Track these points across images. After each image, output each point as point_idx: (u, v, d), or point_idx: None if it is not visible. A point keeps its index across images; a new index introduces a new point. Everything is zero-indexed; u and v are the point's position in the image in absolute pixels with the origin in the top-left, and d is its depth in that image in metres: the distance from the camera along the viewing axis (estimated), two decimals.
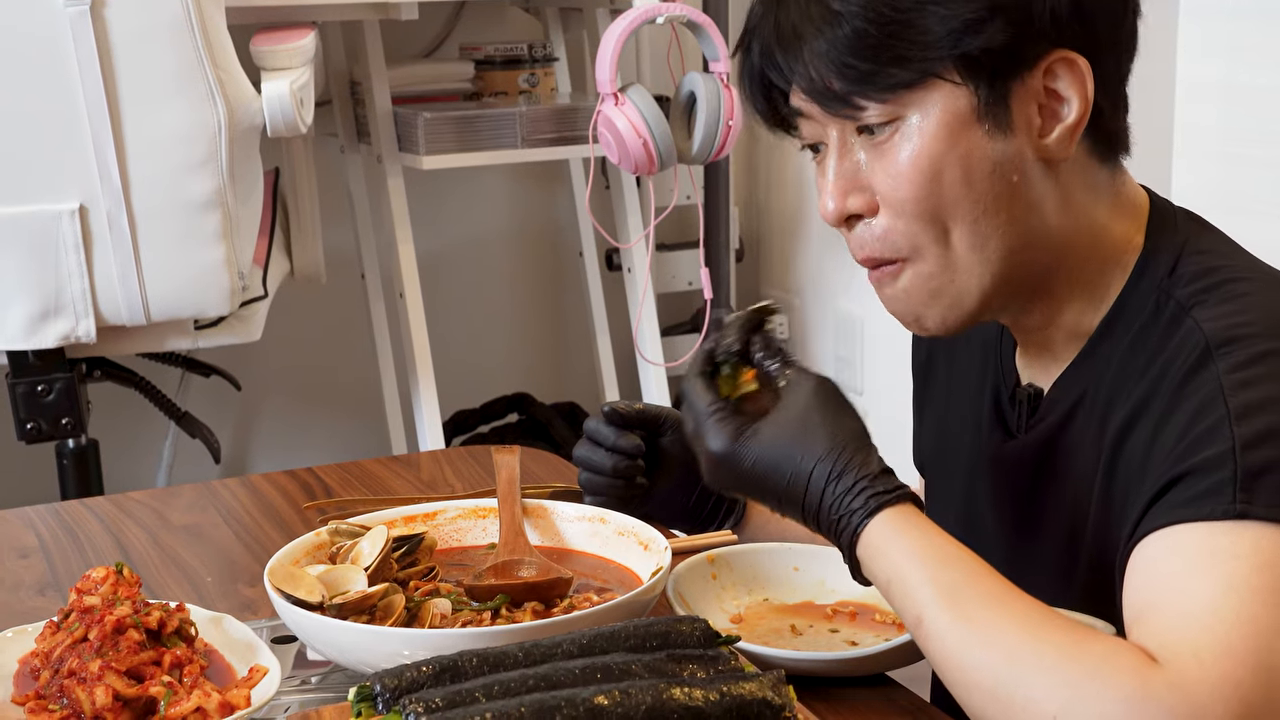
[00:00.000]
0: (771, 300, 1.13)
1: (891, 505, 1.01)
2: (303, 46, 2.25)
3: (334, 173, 3.06)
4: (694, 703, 0.87)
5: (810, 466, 1.02)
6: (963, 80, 1.03)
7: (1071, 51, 1.04)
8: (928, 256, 1.08)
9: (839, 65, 1.04)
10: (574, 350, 3.48)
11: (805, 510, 1.04)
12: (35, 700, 1.01)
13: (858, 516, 1.01)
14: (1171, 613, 0.91)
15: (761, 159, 3.50)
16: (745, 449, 1.05)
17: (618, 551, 1.23)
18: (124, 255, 2.14)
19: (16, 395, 2.24)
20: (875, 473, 1.02)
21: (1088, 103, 1.05)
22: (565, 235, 3.42)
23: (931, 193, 1.05)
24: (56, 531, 1.47)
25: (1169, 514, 0.96)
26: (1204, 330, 1.02)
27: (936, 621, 0.96)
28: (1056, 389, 1.14)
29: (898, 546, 1.00)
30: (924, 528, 1.01)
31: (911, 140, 1.05)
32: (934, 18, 1.02)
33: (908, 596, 0.98)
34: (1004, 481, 1.19)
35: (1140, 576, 0.96)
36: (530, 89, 3.00)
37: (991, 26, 1.02)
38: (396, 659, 0.95)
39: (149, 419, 2.86)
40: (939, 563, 0.98)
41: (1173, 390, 1.01)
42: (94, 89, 2.05)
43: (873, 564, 1.01)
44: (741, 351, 1.10)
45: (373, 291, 3.13)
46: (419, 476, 1.60)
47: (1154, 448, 1.01)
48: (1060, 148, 1.06)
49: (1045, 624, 0.93)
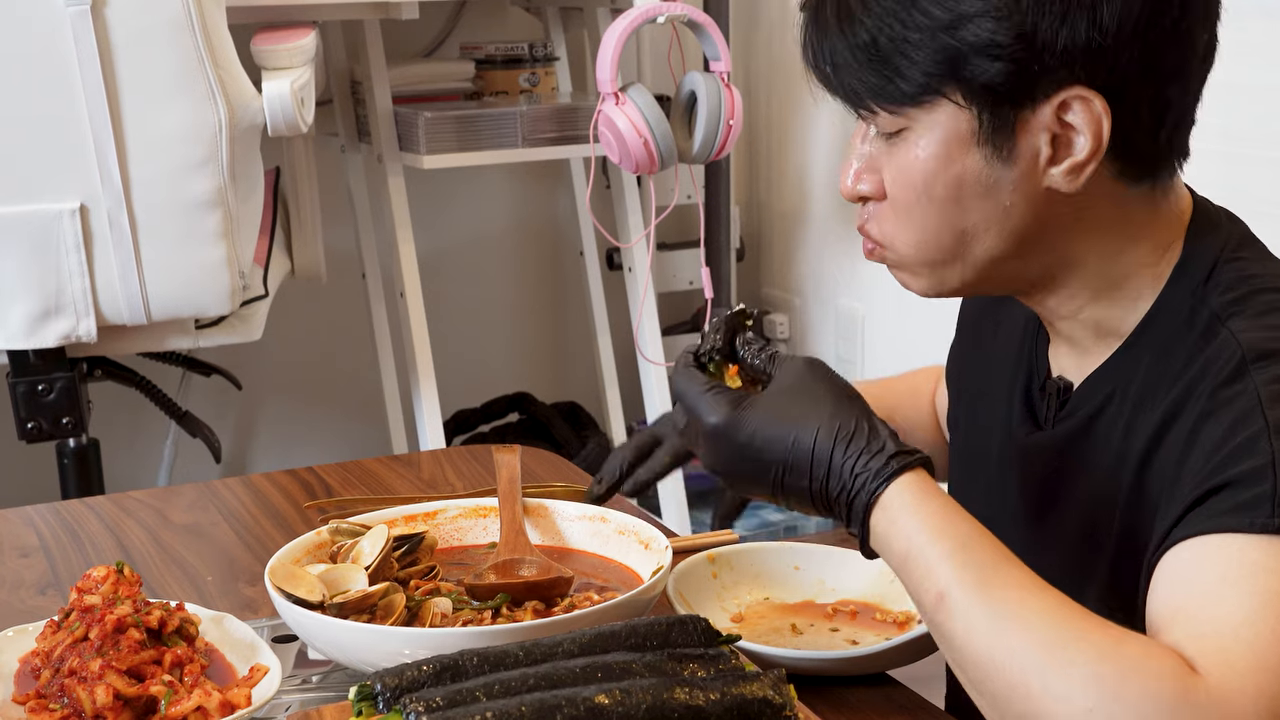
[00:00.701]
0: (747, 305, 1.13)
1: (910, 469, 0.98)
2: (303, 46, 2.25)
3: (335, 172, 3.06)
4: (695, 702, 0.87)
5: (815, 428, 0.99)
6: (965, 104, 1.03)
7: (1086, 89, 1.01)
8: (911, 249, 1.10)
9: (853, 71, 1.05)
10: (574, 350, 3.48)
11: (812, 479, 0.99)
12: (36, 699, 1.01)
13: (874, 480, 0.97)
14: (1203, 621, 0.90)
15: (762, 158, 3.50)
16: (743, 418, 1.02)
17: (618, 550, 1.23)
18: (125, 254, 2.14)
19: (17, 394, 2.24)
20: (886, 435, 0.99)
21: (1100, 143, 1.02)
22: (566, 234, 3.42)
23: (921, 202, 1.07)
24: (57, 531, 1.47)
25: (1204, 523, 0.94)
26: (1240, 341, 1.01)
27: (961, 600, 0.92)
28: (1087, 385, 1.13)
29: (919, 516, 0.96)
30: (944, 499, 0.98)
31: (913, 151, 1.06)
32: (939, 43, 1.01)
33: (929, 570, 0.94)
34: (1027, 470, 1.19)
35: (1171, 583, 0.95)
36: (531, 88, 3.00)
37: (995, 63, 1.00)
38: (397, 658, 0.95)
39: (150, 418, 2.86)
40: (964, 539, 0.95)
41: (1208, 399, 1.00)
42: (95, 88, 2.05)
43: (889, 532, 0.97)
44: (724, 351, 1.10)
45: (373, 291, 3.13)
46: (419, 476, 1.60)
47: (1189, 455, 1.00)
48: (1066, 181, 1.04)
49: (1077, 616, 0.91)
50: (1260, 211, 1.23)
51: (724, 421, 1.02)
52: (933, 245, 1.08)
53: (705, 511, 3.17)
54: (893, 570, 0.99)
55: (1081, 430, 1.13)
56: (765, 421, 1.01)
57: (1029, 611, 0.91)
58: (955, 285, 1.12)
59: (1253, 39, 2.07)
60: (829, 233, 3.29)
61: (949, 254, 1.09)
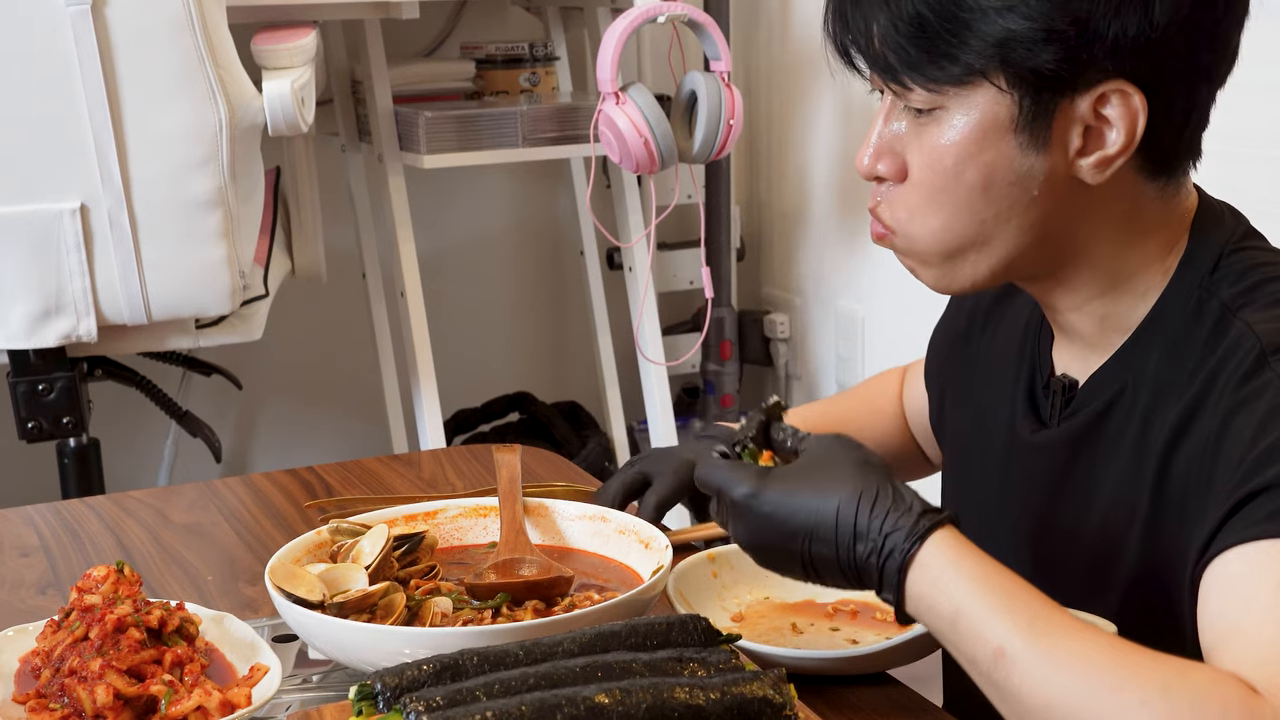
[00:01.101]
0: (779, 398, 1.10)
1: (942, 526, 0.95)
2: (304, 45, 2.25)
3: (335, 172, 3.06)
4: (695, 701, 0.87)
5: (837, 495, 0.97)
6: (1008, 89, 1.02)
7: (1128, 84, 1.01)
8: (929, 237, 1.09)
9: (895, 44, 1.03)
10: (575, 349, 3.48)
11: (839, 546, 0.97)
12: (36, 699, 1.01)
13: (906, 540, 0.95)
14: (1259, 639, 0.89)
15: (763, 158, 3.50)
16: (767, 488, 1.00)
17: (618, 550, 1.23)
18: (125, 254, 2.14)
19: (17, 394, 2.24)
20: (912, 495, 0.97)
21: (1133, 138, 1.02)
22: (566, 234, 3.42)
23: (948, 187, 1.05)
24: (57, 530, 1.47)
25: (1248, 530, 0.93)
26: (1257, 333, 1.00)
27: (1021, 653, 0.90)
28: (1093, 382, 1.13)
29: (962, 573, 0.93)
30: (980, 553, 0.95)
31: (946, 133, 1.04)
32: (991, 25, 1.00)
33: (983, 628, 0.92)
34: (1032, 470, 1.17)
35: (1222, 596, 0.94)
36: (531, 88, 3.00)
37: (1046, 48, 1.00)
38: (397, 657, 0.95)
39: (150, 418, 2.86)
40: (1010, 592, 0.93)
41: (1231, 394, 0.99)
42: (95, 88, 2.05)
43: (932, 594, 0.94)
44: (757, 440, 1.07)
45: (374, 290, 3.13)
46: (420, 475, 1.60)
47: (1219, 456, 0.99)
48: (1093, 174, 1.04)
49: (1135, 654, 0.89)
50: (1261, 210, 1.23)
51: (748, 493, 1.01)
52: (954, 233, 1.07)
53: None
54: (935, 632, 0.96)
55: (1089, 427, 1.12)
56: (788, 492, 0.99)
57: (1088, 656, 0.89)
58: (965, 283, 1.10)
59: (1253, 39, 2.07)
60: (829, 233, 3.29)
61: (968, 243, 1.07)
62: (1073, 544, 1.14)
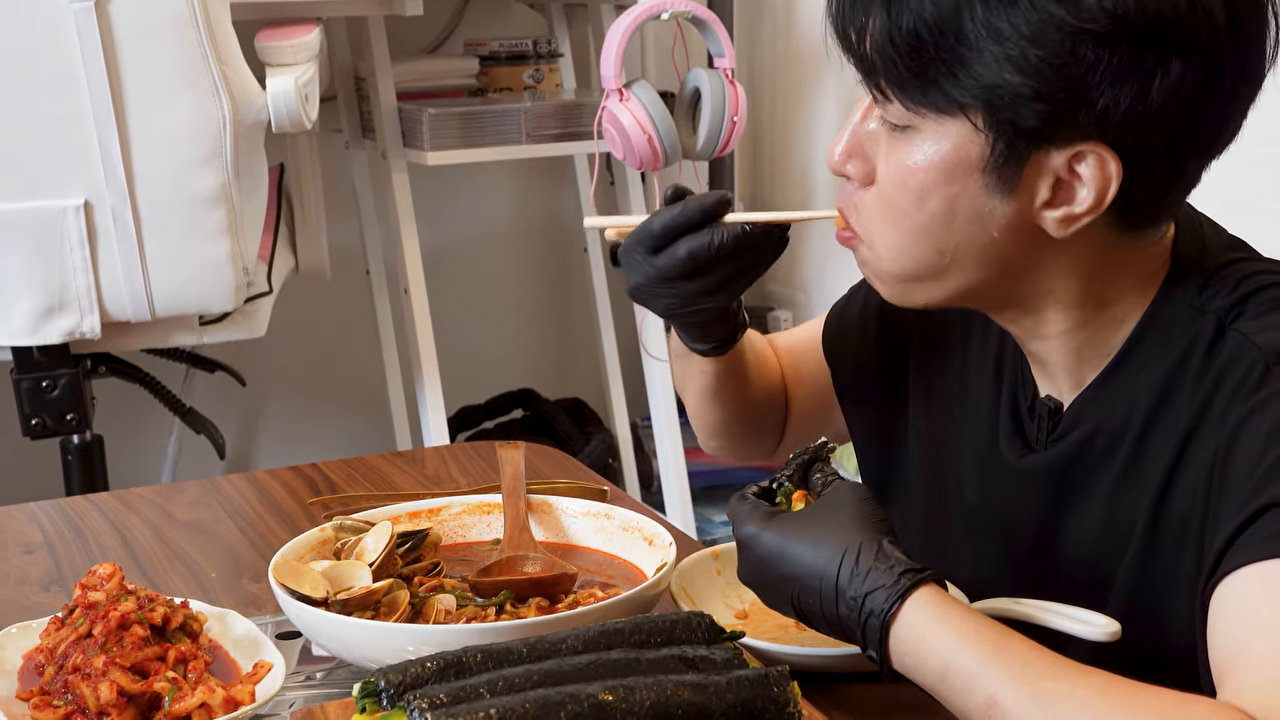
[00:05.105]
0: (828, 440, 1.09)
1: (924, 584, 0.95)
2: (307, 42, 2.25)
3: (339, 168, 3.06)
4: (698, 699, 0.87)
5: (824, 549, 0.97)
6: (984, 129, 0.99)
7: (1106, 149, 0.97)
8: (887, 255, 1.07)
9: (885, 52, 1.00)
10: (579, 346, 3.48)
11: (822, 600, 0.97)
12: (40, 696, 1.01)
13: (887, 599, 0.94)
14: (1265, 665, 0.87)
15: (766, 156, 3.50)
16: (767, 530, 1.00)
17: (622, 547, 1.23)
18: (129, 251, 2.14)
19: (21, 391, 2.24)
20: (898, 553, 0.96)
21: (1102, 202, 0.99)
22: (570, 231, 3.42)
23: (909, 210, 1.03)
24: (61, 527, 1.47)
25: (1256, 549, 0.91)
26: (1257, 344, 0.99)
27: (1014, 700, 0.88)
28: (1079, 406, 1.10)
29: (949, 628, 0.93)
30: (963, 607, 0.95)
31: (914, 155, 1.02)
32: (986, 68, 0.97)
33: (973, 679, 0.91)
34: (1019, 495, 1.15)
35: (1228, 617, 0.92)
36: (535, 85, 3.00)
37: (1032, 104, 0.96)
38: (401, 655, 0.95)
39: (154, 415, 2.86)
40: (997, 642, 0.92)
41: (1237, 407, 0.98)
42: (99, 85, 2.05)
43: (918, 650, 0.94)
44: (794, 479, 1.07)
45: (377, 287, 3.13)
46: (423, 472, 1.60)
47: (1228, 469, 0.97)
48: (1057, 228, 1.01)
49: (1130, 691, 0.88)
50: (1263, 209, 1.22)
51: (750, 534, 1.02)
52: (911, 258, 1.05)
53: (710, 508, 3.17)
54: (926, 688, 0.96)
55: (1078, 452, 1.10)
56: (784, 538, 1.00)
57: (1083, 697, 0.88)
58: (922, 302, 1.09)
59: None
60: (833, 229, 3.28)
61: (925, 271, 1.05)
62: (1063, 568, 1.12)
